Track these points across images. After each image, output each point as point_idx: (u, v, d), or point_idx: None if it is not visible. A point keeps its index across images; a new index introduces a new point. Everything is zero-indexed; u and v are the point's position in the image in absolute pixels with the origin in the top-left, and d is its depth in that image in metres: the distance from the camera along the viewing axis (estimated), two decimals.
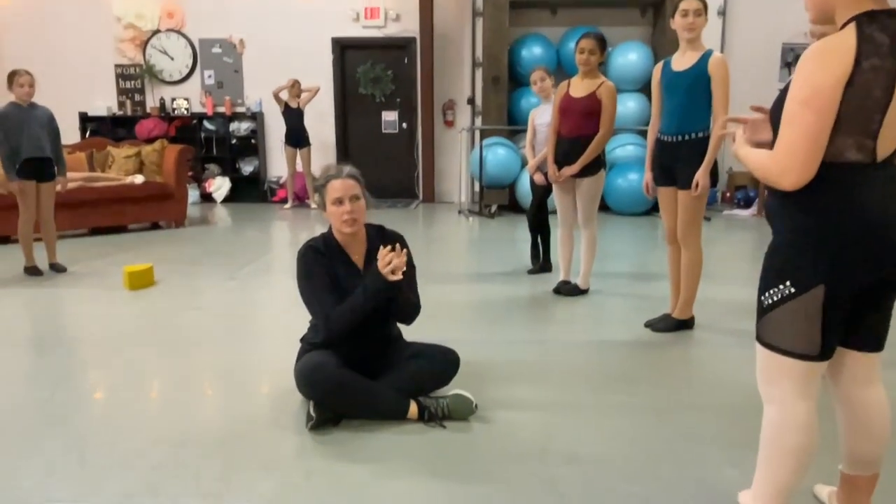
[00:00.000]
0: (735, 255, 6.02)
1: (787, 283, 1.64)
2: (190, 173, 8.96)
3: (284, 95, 8.60)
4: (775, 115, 1.66)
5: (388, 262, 2.43)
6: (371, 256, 2.63)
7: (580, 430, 2.53)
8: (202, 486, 2.13)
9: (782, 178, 1.55)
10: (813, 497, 2.06)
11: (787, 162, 1.53)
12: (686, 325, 3.76)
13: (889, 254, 1.58)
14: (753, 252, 6.20)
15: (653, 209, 8.24)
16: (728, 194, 9.34)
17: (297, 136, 8.70)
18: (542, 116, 4.89)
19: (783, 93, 1.63)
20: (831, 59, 1.50)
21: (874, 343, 1.74)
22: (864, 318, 1.71)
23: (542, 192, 4.99)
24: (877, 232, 1.56)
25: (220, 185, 9.55)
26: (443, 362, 2.67)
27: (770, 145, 1.73)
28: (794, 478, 1.72)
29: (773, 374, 1.71)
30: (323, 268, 2.56)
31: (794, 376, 1.68)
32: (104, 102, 9.62)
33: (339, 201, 2.52)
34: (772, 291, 1.68)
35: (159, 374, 3.10)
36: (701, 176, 3.42)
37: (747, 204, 8.91)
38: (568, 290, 4.49)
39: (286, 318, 3.96)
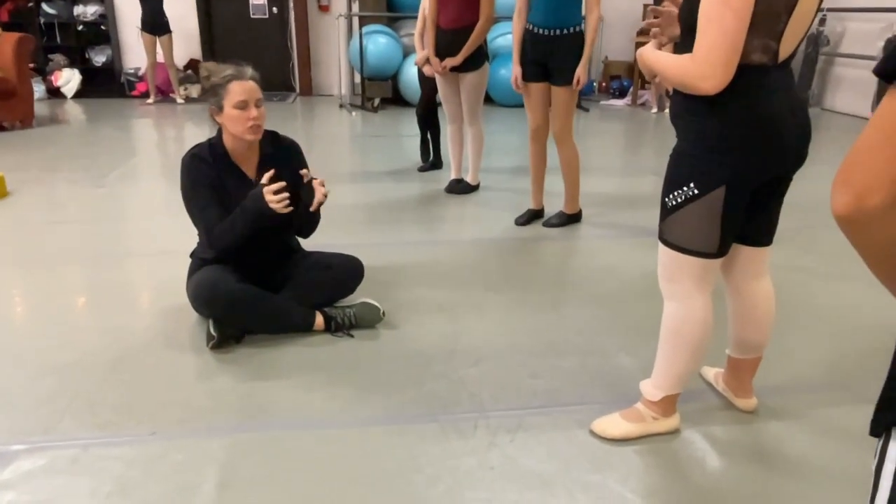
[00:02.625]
0: (611, 146, 6.22)
1: (691, 184, 1.69)
2: (31, 65, 7.96)
3: None
4: (686, 14, 1.64)
5: (276, 191, 2.24)
6: (264, 165, 2.46)
7: (484, 329, 2.59)
8: (99, 417, 2.00)
9: (704, 82, 1.52)
10: (700, 378, 2.25)
11: (709, 65, 1.50)
12: (576, 218, 3.88)
13: (784, 153, 1.65)
14: (628, 143, 6.44)
15: None
16: (604, 84, 9.54)
17: (155, 22, 7.87)
18: None
19: None
20: None
21: (765, 238, 1.86)
22: (756, 216, 1.81)
23: (430, 87, 4.84)
24: (775, 132, 1.61)
25: (68, 79, 8.58)
26: (347, 271, 2.61)
27: (678, 45, 1.72)
28: (692, 365, 1.86)
29: (674, 271, 1.80)
30: (208, 179, 2.36)
31: (694, 273, 1.77)
32: None
33: (244, 105, 2.30)
34: (676, 193, 1.73)
35: (30, 298, 2.83)
36: (582, 72, 3.43)
37: (622, 94, 9.16)
38: (460, 188, 4.48)
39: (165, 228, 3.70)
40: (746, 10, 1.47)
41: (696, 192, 1.69)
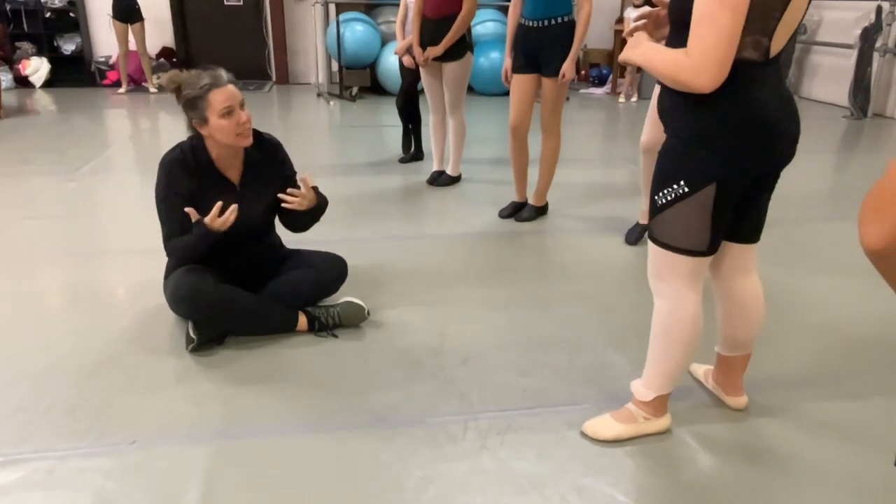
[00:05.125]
0: (591, 135, 6.20)
1: (681, 182, 1.67)
2: None
3: None
4: (677, 10, 1.60)
5: (217, 215, 2.21)
6: (249, 169, 2.39)
7: (471, 326, 2.55)
8: (78, 424, 1.94)
9: (698, 80, 1.49)
10: (689, 376, 2.23)
11: (705, 63, 1.47)
12: (544, 211, 3.86)
13: (774, 149, 1.64)
14: (608, 132, 6.42)
15: None
16: (583, 72, 9.51)
17: (126, 9, 7.68)
18: None
19: None
20: None
21: (753, 235, 1.85)
22: (745, 213, 1.80)
23: (411, 77, 4.78)
24: (765, 128, 1.59)
25: (37, 67, 8.36)
26: (330, 270, 2.55)
27: (668, 40, 1.69)
28: (683, 364, 1.84)
29: (665, 270, 1.77)
30: (184, 189, 2.28)
31: (684, 272, 1.75)
32: None
33: (230, 111, 2.20)
34: (666, 191, 1.70)
35: (0, 298, 2.73)
36: (568, 67, 3.40)
37: (601, 82, 9.15)
38: (442, 181, 4.44)
39: (141, 224, 3.60)
40: (743, 8, 1.44)
41: (686, 189, 1.66)
